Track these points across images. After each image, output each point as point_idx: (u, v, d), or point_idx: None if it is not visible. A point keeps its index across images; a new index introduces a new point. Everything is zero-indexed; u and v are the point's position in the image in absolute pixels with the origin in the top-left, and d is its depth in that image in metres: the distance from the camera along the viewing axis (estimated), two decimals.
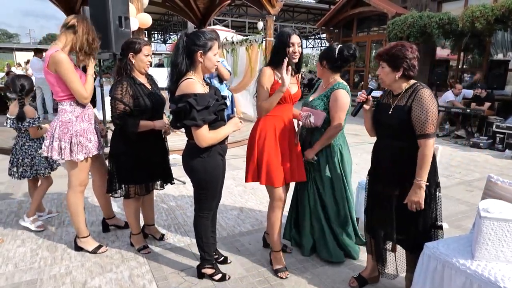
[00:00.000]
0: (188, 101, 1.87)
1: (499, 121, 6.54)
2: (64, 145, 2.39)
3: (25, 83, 2.83)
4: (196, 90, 1.91)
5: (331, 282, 2.31)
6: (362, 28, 12.34)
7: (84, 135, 2.45)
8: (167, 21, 22.66)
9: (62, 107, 2.44)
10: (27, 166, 2.89)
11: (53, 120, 2.47)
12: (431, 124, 1.81)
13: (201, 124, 1.91)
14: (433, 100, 1.83)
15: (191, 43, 1.96)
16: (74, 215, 2.58)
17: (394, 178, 1.96)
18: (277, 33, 2.44)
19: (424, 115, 1.81)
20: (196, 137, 1.96)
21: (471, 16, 7.20)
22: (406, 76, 1.90)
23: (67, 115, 2.42)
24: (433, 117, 1.81)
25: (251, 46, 7.74)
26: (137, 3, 4.85)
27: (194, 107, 1.87)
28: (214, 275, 2.31)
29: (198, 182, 2.13)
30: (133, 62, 2.41)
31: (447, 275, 1.75)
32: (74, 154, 2.40)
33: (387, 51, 1.90)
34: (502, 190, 1.94)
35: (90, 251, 2.62)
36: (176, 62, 1.97)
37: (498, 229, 1.63)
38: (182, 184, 4.18)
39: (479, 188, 4.10)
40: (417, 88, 1.89)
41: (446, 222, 3.28)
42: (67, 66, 2.29)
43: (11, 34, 68.65)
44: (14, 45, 27.25)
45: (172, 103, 1.97)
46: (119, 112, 2.34)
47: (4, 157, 5.13)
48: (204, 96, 1.93)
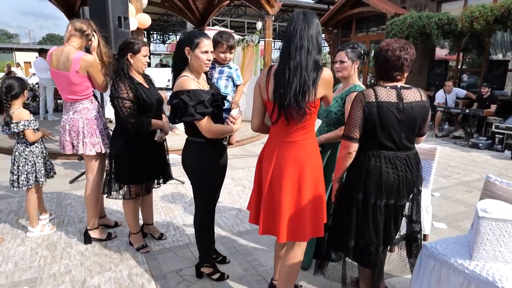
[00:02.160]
0: (181, 97, 1.90)
1: (498, 121, 6.54)
2: (97, 140, 2.61)
3: (13, 86, 2.64)
4: (189, 86, 1.93)
5: (328, 282, 2.32)
6: (361, 28, 12.33)
7: (106, 127, 2.71)
8: (166, 21, 22.65)
9: (83, 105, 2.59)
10: (29, 174, 2.75)
11: (71, 120, 2.57)
12: (345, 126, 1.85)
13: (200, 118, 1.94)
14: (353, 105, 1.80)
15: (181, 40, 2.05)
16: (94, 207, 2.74)
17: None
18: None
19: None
20: (201, 129, 2.00)
21: (470, 16, 7.20)
22: (377, 76, 1.89)
23: (91, 112, 2.61)
24: (347, 120, 1.83)
25: (247, 46, 7.74)
26: (136, 3, 4.85)
27: (188, 103, 1.89)
28: (213, 274, 2.32)
29: (193, 175, 2.14)
30: (131, 62, 2.42)
31: (445, 275, 1.76)
32: (105, 147, 2.65)
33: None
34: (500, 190, 1.95)
35: (104, 239, 2.79)
36: (174, 58, 2.07)
37: (496, 229, 1.63)
38: (181, 184, 4.18)
39: (478, 188, 4.10)
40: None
41: (445, 223, 3.29)
42: (97, 65, 2.56)
43: (11, 34, 68.66)
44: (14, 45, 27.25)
45: (169, 99, 2.00)
46: (130, 111, 2.35)
47: (3, 156, 5.14)
48: (198, 91, 1.94)
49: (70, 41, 2.52)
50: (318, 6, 17.62)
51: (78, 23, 2.53)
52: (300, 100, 1.62)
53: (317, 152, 1.82)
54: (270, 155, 1.81)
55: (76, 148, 2.60)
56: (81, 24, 2.53)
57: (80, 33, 2.52)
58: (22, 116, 2.67)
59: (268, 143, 1.86)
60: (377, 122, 1.73)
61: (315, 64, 1.64)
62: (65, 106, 2.66)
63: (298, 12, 1.67)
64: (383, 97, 1.74)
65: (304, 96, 1.62)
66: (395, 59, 1.74)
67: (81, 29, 2.52)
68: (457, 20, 7.71)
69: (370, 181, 1.79)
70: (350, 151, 1.80)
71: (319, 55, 1.67)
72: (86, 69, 2.49)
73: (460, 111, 7.28)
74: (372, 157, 1.79)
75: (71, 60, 2.45)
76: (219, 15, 18.27)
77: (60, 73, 2.51)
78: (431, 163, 2.83)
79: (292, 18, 1.67)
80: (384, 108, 1.72)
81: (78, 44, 2.55)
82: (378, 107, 1.72)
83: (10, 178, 2.76)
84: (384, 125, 1.74)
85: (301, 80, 1.61)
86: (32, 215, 2.87)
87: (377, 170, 1.78)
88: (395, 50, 1.73)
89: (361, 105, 1.74)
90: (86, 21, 2.60)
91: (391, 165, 1.78)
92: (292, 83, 1.62)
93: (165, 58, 24.67)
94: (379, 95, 1.74)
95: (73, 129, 2.58)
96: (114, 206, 3.51)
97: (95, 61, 2.54)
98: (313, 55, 1.64)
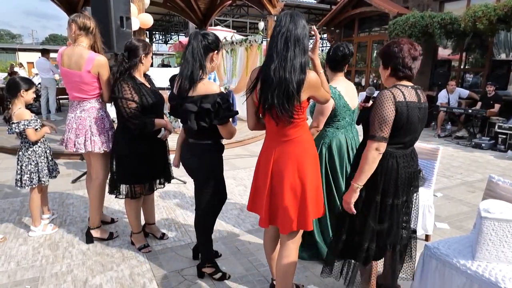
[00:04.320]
0: (217, 101, 1.90)
1: (501, 121, 6.51)
2: (104, 139, 2.64)
3: (17, 84, 2.66)
4: (218, 89, 1.95)
5: (330, 281, 2.31)
6: (363, 28, 12.31)
7: (113, 127, 2.72)
8: (168, 22, 22.67)
9: (90, 105, 2.61)
10: (32, 173, 2.76)
11: (78, 119, 2.59)
12: (375, 126, 1.71)
13: (227, 121, 1.99)
14: (385, 103, 1.70)
15: (212, 42, 1.95)
16: (99, 205, 2.78)
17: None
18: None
19: (372, 116, 1.74)
20: (225, 132, 2.03)
21: (473, 16, 7.17)
22: (398, 76, 1.78)
23: (99, 111, 2.64)
24: (378, 119, 1.70)
25: (250, 47, 7.73)
26: (138, 3, 4.86)
27: (222, 106, 1.91)
28: (214, 274, 2.32)
29: (207, 176, 2.14)
30: (143, 63, 2.46)
31: (448, 275, 1.75)
32: (111, 145, 2.66)
33: (382, 48, 1.85)
34: (503, 190, 1.94)
35: (106, 239, 2.80)
36: (189, 59, 1.90)
37: (498, 229, 1.62)
38: (182, 183, 4.18)
39: (481, 189, 4.08)
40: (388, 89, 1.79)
41: (447, 223, 3.27)
42: (108, 67, 2.57)
43: (14, 35, 68.97)
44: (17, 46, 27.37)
45: (191, 104, 1.91)
46: (134, 112, 2.35)
47: (6, 156, 5.16)
48: (225, 95, 1.98)
49: (78, 41, 2.53)
50: (320, 6, 17.61)
51: (80, 19, 2.50)
52: (285, 103, 1.60)
53: (312, 145, 1.84)
54: (268, 154, 1.81)
55: (80, 147, 2.58)
56: (83, 21, 2.51)
57: (85, 31, 2.53)
58: (23, 115, 2.67)
59: (265, 141, 1.87)
60: (405, 122, 1.71)
61: (300, 67, 1.60)
62: (71, 105, 2.67)
63: (286, 14, 1.64)
64: (409, 97, 1.73)
65: (289, 100, 1.60)
66: (418, 59, 1.76)
67: (85, 26, 2.52)
68: (460, 19, 7.68)
69: (388, 181, 1.77)
70: (382, 151, 1.73)
71: (304, 57, 1.62)
72: (98, 69, 2.51)
73: (463, 111, 7.25)
74: (388, 156, 1.76)
75: (84, 59, 2.47)
76: (221, 15, 18.28)
77: (71, 72, 2.52)
78: (433, 163, 2.81)
79: (279, 19, 1.64)
80: (410, 107, 1.71)
81: (87, 43, 2.55)
82: (407, 107, 1.71)
83: (15, 178, 2.79)
84: (409, 124, 1.73)
85: (286, 83, 1.58)
86: (35, 215, 2.88)
87: (394, 169, 1.77)
88: (418, 50, 1.75)
89: (393, 104, 1.69)
90: (85, 16, 2.57)
91: (405, 163, 1.80)
92: (276, 87, 1.59)
93: (167, 58, 24.71)
94: (406, 94, 1.72)
95: (79, 127, 2.58)
96: (116, 205, 3.52)
97: (107, 62, 2.56)
98: (298, 58, 1.59)
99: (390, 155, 1.77)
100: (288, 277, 1.88)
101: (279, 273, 1.88)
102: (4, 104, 2.71)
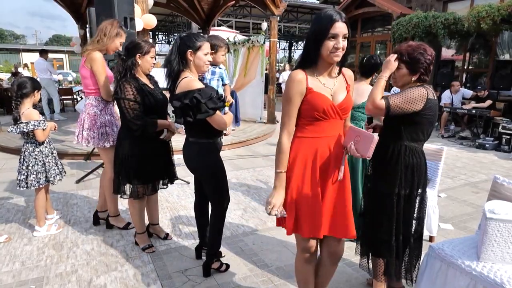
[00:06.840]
0: (195, 96, 1.96)
1: (505, 122, 6.48)
2: (93, 135, 2.73)
3: (25, 84, 2.66)
4: (197, 85, 2.03)
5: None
6: (366, 28, 12.29)
7: (110, 125, 2.78)
8: (171, 22, 22.72)
9: (88, 101, 2.76)
10: (39, 173, 2.75)
11: (81, 113, 2.80)
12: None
13: (213, 113, 2.03)
14: (418, 99, 1.83)
15: (181, 43, 2.09)
16: (113, 196, 2.87)
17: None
18: (314, 16, 1.82)
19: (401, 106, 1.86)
20: (215, 124, 2.09)
21: (477, 16, 7.15)
22: (420, 79, 1.91)
23: (93, 108, 2.73)
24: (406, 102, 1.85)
25: (253, 47, 7.74)
26: (142, 4, 4.87)
27: (200, 101, 1.97)
28: (221, 267, 2.40)
29: (212, 175, 2.24)
30: (139, 63, 2.44)
31: (452, 276, 1.74)
32: (101, 142, 2.75)
33: (409, 53, 1.85)
34: (508, 191, 1.93)
35: (121, 228, 2.99)
36: (169, 60, 2.11)
37: (504, 230, 1.62)
38: (186, 184, 4.19)
39: (485, 189, 4.07)
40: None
41: (451, 224, 3.26)
42: (100, 64, 2.64)
43: (17, 35, 69.33)
44: (21, 46, 27.51)
45: (176, 101, 2.02)
46: (136, 112, 2.37)
47: (9, 156, 5.18)
48: (205, 89, 2.04)
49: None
50: (323, 6, 17.59)
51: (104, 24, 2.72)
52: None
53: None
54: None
55: (75, 138, 2.78)
56: (106, 30, 2.70)
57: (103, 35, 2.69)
58: (32, 116, 2.68)
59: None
60: (432, 118, 1.88)
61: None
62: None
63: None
64: (432, 95, 1.88)
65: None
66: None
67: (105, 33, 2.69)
68: (463, 20, 7.66)
69: (409, 174, 1.89)
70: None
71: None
72: (90, 63, 2.63)
73: (467, 111, 7.22)
74: (408, 151, 1.89)
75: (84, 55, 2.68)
76: (224, 15, 18.29)
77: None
78: (437, 163, 2.80)
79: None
80: (435, 104, 1.89)
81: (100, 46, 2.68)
82: (434, 104, 1.87)
83: (17, 178, 2.77)
84: (434, 120, 1.92)
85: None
86: (40, 215, 2.90)
87: (423, 164, 1.92)
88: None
89: (426, 100, 1.83)
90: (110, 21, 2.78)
91: (423, 156, 1.94)
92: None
93: None
94: (430, 93, 1.87)
95: (78, 121, 2.79)
96: (119, 206, 3.52)
97: (98, 58, 2.63)
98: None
99: (410, 149, 1.90)
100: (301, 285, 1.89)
101: (328, 275, 1.86)
102: (12, 104, 2.72)
